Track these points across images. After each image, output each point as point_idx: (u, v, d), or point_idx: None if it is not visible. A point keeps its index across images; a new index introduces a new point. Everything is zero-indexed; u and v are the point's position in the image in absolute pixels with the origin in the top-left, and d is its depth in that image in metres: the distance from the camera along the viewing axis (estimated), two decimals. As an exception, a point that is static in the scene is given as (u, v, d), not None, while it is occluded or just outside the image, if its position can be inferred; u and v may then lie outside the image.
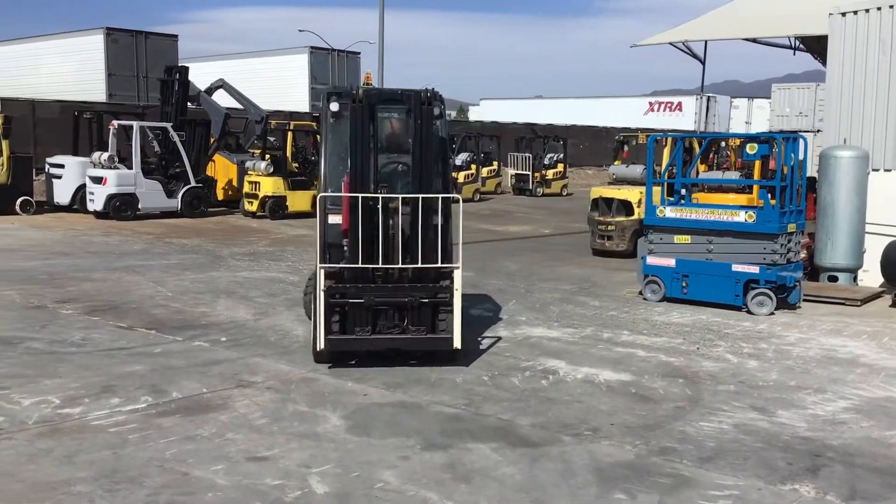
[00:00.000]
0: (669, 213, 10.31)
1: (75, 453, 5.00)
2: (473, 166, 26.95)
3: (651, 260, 10.41)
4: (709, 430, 5.65)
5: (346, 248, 6.81)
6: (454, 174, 24.53)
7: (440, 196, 6.79)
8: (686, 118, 47.87)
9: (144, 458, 4.93)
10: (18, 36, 42.35)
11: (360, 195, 6.64)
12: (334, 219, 6.93)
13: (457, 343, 6.78)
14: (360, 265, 6.67)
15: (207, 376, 6.71)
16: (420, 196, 6.72)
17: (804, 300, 10.17)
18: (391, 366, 6.97)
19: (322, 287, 6.57)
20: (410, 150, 6.91)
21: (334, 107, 6.98)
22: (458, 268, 6.83)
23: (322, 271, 6.58)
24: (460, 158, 26.93)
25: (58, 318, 8.77)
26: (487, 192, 27.69)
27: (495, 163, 29.52)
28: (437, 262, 6.82)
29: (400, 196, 6.75)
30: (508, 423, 5.70)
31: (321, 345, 6.64)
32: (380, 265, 6.72)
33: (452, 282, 6.81)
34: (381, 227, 6.69)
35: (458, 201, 6.95)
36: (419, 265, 6.75)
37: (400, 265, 6.76)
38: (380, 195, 6.73)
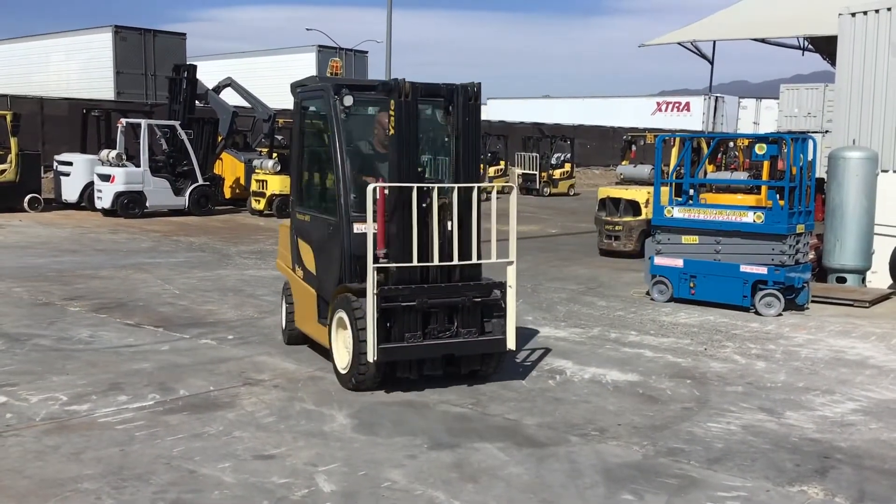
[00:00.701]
0: (677, 213, 10.28)
1: (83, 450, 5.01)
2: (481, 166, 26.95)
3: (659, 260, 10.38)
4: (717, 431, 5.63)
5: (380, 254, 6.07)
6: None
7: (495, 185, 6.47)
8: (694, 118, 47.79)
9: (152, 456, 4.94)
10: (28, 34, 42.51)
11: (413, 185, 6.04)
12: (360, 228, 6.25)
13: (510, 344, 6.39)
14: (415, 263, 6.06)
15: (214, 374, 6.71)
16: (476, 185, 6.21)
17: (812, 301, 10.14)
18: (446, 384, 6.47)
19: (374, 290, 5.94)
20: (450, 149, 6.36)
21: (348, 101, 6.39)
22: (512, 262, 6.41)
23: (374, 272, 5.93)
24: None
25: (65, 315, 8.79)
26: (494, 191, 27.67)
27: (502, 162, 29.52)
28: (490, 258, 6.36)
29: (456, 185, 6.15)
30: (515, 423, 5.69)
31: (373, 356, 5.93)
32: (436, 263, 6.13)
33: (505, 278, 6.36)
34: (436, 221, 6.08)
35: (511, 191, 6.54)
36: (474, 261, 6.29)
37: (457, 262, 6.19)
38: (434, 185, 6.17)
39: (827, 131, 20.82)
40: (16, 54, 36.29)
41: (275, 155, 20.84)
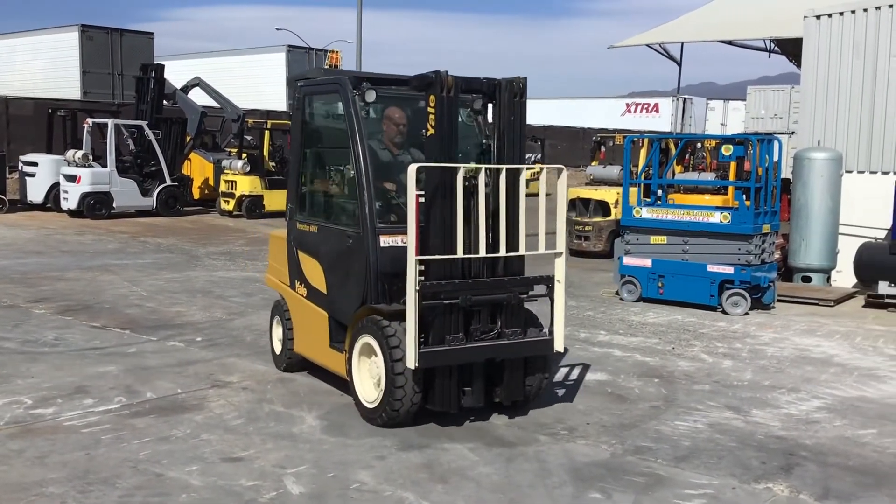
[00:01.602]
0: (646, 213, 10.35)
1: (48, 454, 4.95)
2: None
3: (627, 260, 10.45)
4: (684, 430, 5.68)
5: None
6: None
7: (545, 166, 5.77)
8: (662, 119, 48.12)
9: (118, 459, 4.89)
10: (-8, 32, 41.91)
11: (460, 165, 5.32)
12: (387, 241, 5.64)
13: (559, 345, 5.76)
14: (460, 255, 5.35)
15: (182, 376, 6.65)
16: (524, 167, 5.61)
17: (778, 300, 10.26)
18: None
19: (415, 285, 5.20)
20: (492, 151, 5.68)
21: (371, 96, 5.73)
22: (561, 254, 5.78)
23: (416, 264, 5.18)
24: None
25: (30, 317, 8.68)
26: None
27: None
28: (536, 249, 5.69)
29: (504, 167, 5.51)
30: (485, 423, 5.69)
31: (414, 362, 5.20)
32: (482, 254, 5.45)
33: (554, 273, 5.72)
34: (482, 208, 5.44)
35: (562, 171, 5.85)
36: (521, 252, 5.62)
37: (504, 253, 5.53)
38: (482, 166, 5.47)
39: (793, 132, 21.09)
40: (-22, 53, 35.76)
41: (244, 155, 20.72)
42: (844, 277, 11.47)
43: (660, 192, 10.94)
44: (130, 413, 5.74)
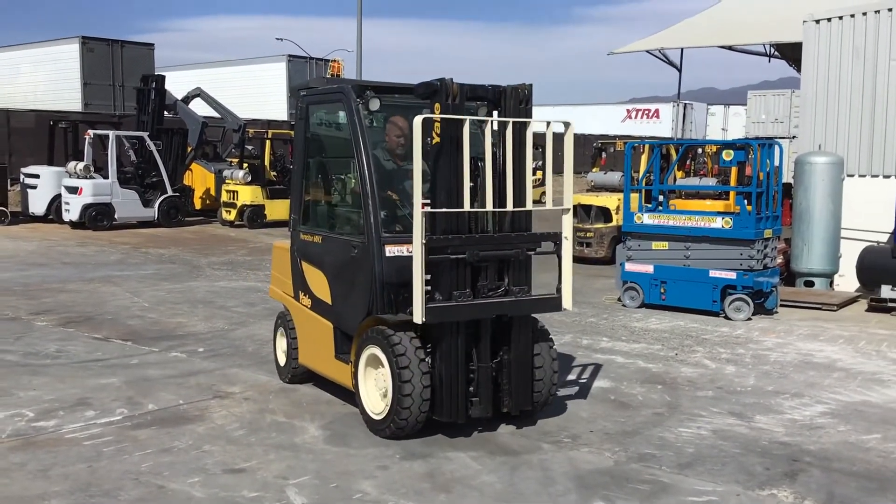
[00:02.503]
0: (647, 219, 10.34)
1: (49, 467, 4.93)
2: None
3: (629, 266, 10.44)
4: (687, 436, 5.66)
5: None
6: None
7: (550, 123, 5.55)
8: (663, 125, 48.17)
9: (119, 472, 4.87)
10: (-7, 45, 42.02)
11: (466, 118, 5.27)
12: (393, 250, 5.59)
13: (567, 303, 5.76)
14: (466, 209, 5.31)
15: (184, 387, 6.64)
16: (529, 121, 5.52)
17: (781, 305, 10.24)
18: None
19: (422, 238, 5.19)
20: (496, 159, 5.54)
21: (375, 105, 5.68)
22: (569, 210, 5.78)
23: (422, 218, 5.17)
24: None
25: (32, 329, 8.68)
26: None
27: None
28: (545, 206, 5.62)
29: (510, 120, 5.46)
30: (488, 432, 5.67)
31: (421, 317, 5.17)
32: (489, 208, 5.41)
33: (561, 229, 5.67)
34: (490, 162, 5.39)
35: (569, 125, 5.72)
36: (528, 208, 5.57)
37: (511, 208, 5.48)
38: (489, 119, 5.43)
39: (794, 137, 21.07)
40: (-19, 66, 35.85)
41: (245, 165, 20.76)
42: (847, 282, 11.45)
43: (661, 198, 10.94)
44: (132, 425, 5.72)
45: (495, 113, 5.71)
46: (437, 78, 5.37)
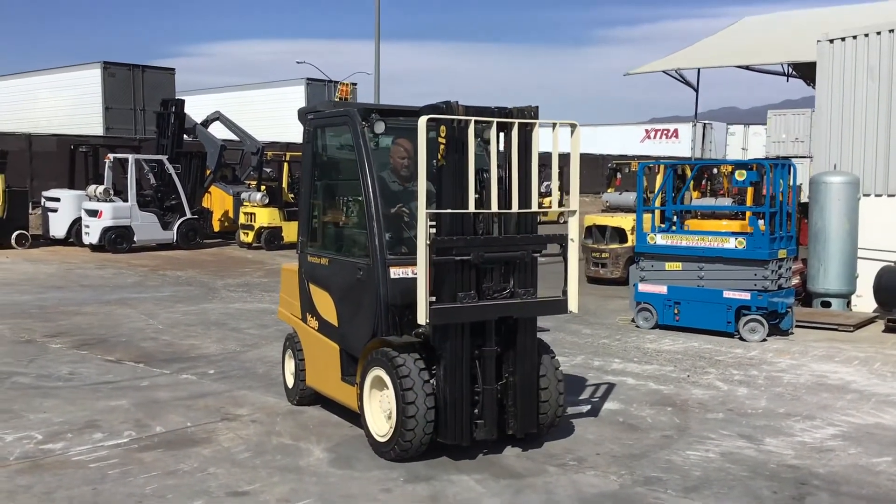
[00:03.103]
0: (660, 240, 10.30)
1: (55, 489, 4.96)
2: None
3: (643, 287, 10.39)
4: (695, 459, 5.61)
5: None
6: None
7: (557, 123, 5.62)
8: (683, 145, 48.04)
9: (124, 494, 4.89)
10: (18, 70, 42.60)
11: (471, 119, 5.30)
12: (398, 272, 5.61)
13: (573, 306, 5.76)
14: (471, 210, 5.32)
15: (193, 410, 6.66)
16: (535, 122, 5.54)
17: (797, 326, 10.14)
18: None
19: (426, 239, 5.18)
20: (504, 180, 5.56)
21: (380, 128, 5.72)
22: (575, 212, 5.76)
23: (427, 218, 5.16)
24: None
25: (46, 352, 8.75)
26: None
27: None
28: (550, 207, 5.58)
29: (516, 122, 5.47)
30: (494, 455, 5.64)
31: (425, 318, 5.18)
32: (494, 209, 5.41)
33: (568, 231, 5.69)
34: (495, 162, 5.43)
35: (575, 127, 5.80)
36: (535, 209, 5.56)
37: (517, 209, 5.48)
38: (492, 119, 5.41)
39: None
40: (6, 91, 36.43)
41: (263, 187, 20.89)
42: (865, 302, 11.34)
43: (675, 219, 10.89)
44: (139, 447, 5.74)
45: (501, 135, 5.71)
46: (443, 101, 5.39)
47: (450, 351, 5.36)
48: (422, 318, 5.17)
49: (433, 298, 5.25)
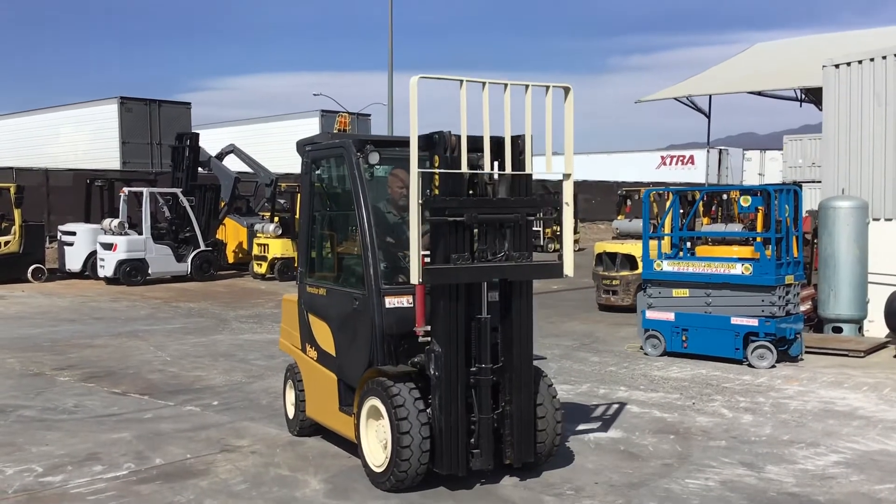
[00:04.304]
0: (667, 266, 10.26)
1: (51, 522, 4.98)
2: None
3: (650, 314, 10.34)
4: (694, 488, 5.55)
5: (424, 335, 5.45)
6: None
7: (550, 85, 5.56)
8: (699, 171, 47.90)
9: (119, 526, 4.90)
10: (36, 107, 43.24)
11: (462, 78, 5.32)
12: (393, 302, 5.64)
13: (568, 270, 5.65)
14: (464, 170, 5.34)
15: (194, 441, 6.68)
16: (529, 84, 5.47)
17: (807, 352, 10.05)
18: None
19: (418, 199, 5.20)
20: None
21: (374, 158, 5.72)
22: (569, 176, 5.67)
23: (419, 177, 5.19)
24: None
25: (54, 385, 8.81)
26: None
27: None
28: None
29: (508, 83, 5.41)
30: (491, 484, 5.61)
31: (418, 278, 5.17)
32: (487, 170, 5.42)
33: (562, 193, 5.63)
34: (487, 121, 5.39)
35: (569, 90, 5.68)
36: (529, 171, 5.54)
37: (510, 171, 5.47)
38: (486, 80, 5.37)
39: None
40: (25, 127, 36.97)
41: (276, 219, 21.01)
42: (877, 327, 11.22)
43: (684, 245, 10.86)
44: (137, 479, 5.76)
45: (496, 164, 5.73)
46: (436, 130, 5.43)
47: (443, 317, 5.30)
48: (415, 277, 5.17)
49: (426, 253, 5.27)
